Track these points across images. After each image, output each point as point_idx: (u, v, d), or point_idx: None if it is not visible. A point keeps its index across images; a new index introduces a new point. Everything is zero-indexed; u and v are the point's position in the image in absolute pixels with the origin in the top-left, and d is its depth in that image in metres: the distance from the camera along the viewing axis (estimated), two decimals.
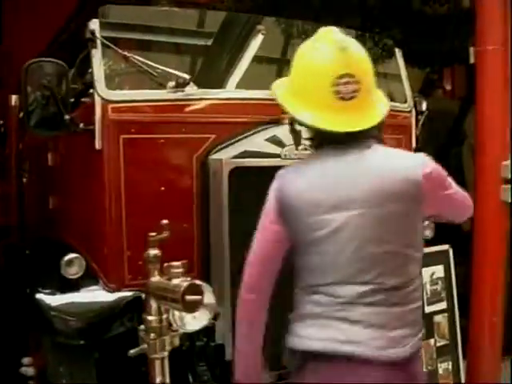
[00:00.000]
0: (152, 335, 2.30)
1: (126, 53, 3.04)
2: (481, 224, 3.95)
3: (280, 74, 3.56)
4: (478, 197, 3.93)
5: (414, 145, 3.91)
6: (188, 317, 2.52)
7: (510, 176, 3.86)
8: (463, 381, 3.81)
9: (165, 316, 2.33)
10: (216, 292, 2.94)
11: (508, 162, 3.88)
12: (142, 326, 2.36)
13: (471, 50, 4.02)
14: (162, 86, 3.10)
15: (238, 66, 3.41)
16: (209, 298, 2.84)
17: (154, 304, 2.31)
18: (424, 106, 4.07)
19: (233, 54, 3.57)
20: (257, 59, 3.53)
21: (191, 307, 2.17)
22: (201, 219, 3.14)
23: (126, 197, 2.99)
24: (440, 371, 3.67)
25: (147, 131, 3.03)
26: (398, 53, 4.00)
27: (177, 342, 2.41)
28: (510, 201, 3.88)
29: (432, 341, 3.65)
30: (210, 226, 3.12)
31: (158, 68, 3.08)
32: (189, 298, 2.14)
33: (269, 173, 3.08)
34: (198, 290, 2.19)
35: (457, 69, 10.57)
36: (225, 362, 3.06)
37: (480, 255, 3.95)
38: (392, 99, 3.88)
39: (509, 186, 3.86)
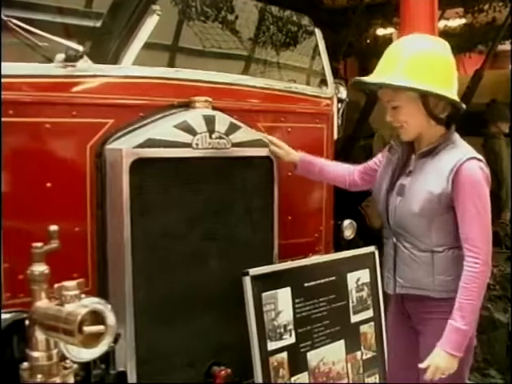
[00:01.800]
0: (39, 376, 1.76)
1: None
2: None
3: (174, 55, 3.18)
4: None
5: (335, 135, 3.51)
6: None
7: None
8: None
9: (55, 351, 1.78)
10: (115, 310, 2.37)
11: None
12: (26, 364, 1.81)
13: None
14: (48, 59, 2.52)
15: (133, 44, 2.88)
16: (109, 319, 2.35)
17: (40, 336, 1.77)
18: (344, 94, 3.67)
19: (127, 33, 3.02)
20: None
21: (90, 341, 1.65)
22: (96, 222, 2.60)
23: (1, 195, 2.40)
24: None
25: (28, 114, 2.44)
26: (318, 33, 3.58)
27: (71, 380, 1.88)
28: None
29: (358, 354, 3.26)
30: (108, 231, 2.61)
31: (43, 36, 2.49)
32: (87, 329, 1.62)
33: (178, 165, 2.68)
34: (98, 318, 1.66)
35: (353, 62, 10.66)
36: None
37: None
38: (312, 84, 3.48)
39: None
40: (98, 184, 2.60)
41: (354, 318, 3.28)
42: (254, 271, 2.78)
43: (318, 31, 3.60)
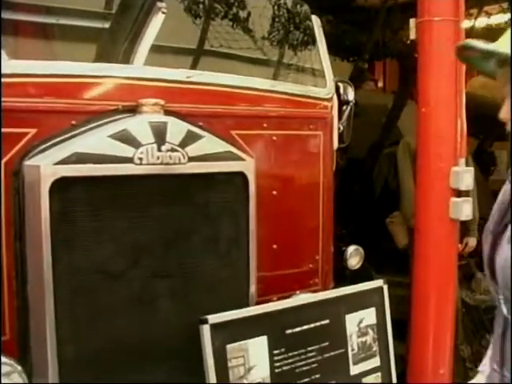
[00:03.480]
0: None
1: None
2: (424, 242, 3.13)
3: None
4: (420, 211, 3.09)
5: (335, 143, 2.92)
6: None
7: (461, 186, 2.97)
8: None
9: None
10: (35, 363, 2.08)
11: (460, 167, 2.95)
12: None
13: (412, 22, 3.15)
14: None
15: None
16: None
17: None
18: (351, 95, 3.09)
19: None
20: None
21: None
22: (15, 258, 2.10)
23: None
24: None
25: None
26: (316, 21, 2.99)
27: None
28: (461, 218, 2.99)
29: None
30: (28, 266, 2.10)
31: None
32: None
33: (114, 186, 2.12)
34: None
35: (389, 63, 10.07)
36: None
37: (422, 280, 3.17)
38: (305, 82, 2.89)
39: (460, 199, 2.96)
40: (16, 209, 2.09)
41: (355, 369, 2.68)
42: (214, 318, 2.21)
43: (315, 19, 3.01)
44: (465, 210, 3.08)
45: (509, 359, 1.72)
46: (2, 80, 2.04)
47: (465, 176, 3.08)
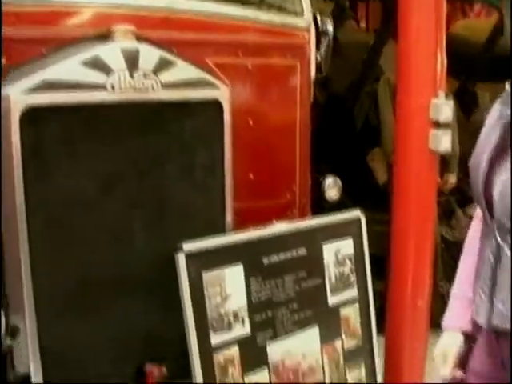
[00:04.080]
0: None
1: None
2: (404, 177, 3.08)
3: None
4: (399, 144, 3.07)
5: (312, 74, 2.88)
6: None
7: (441, 118, 2.93)
8: None
9: None
10: (11, 298, 2.04)
11: (439, 99, 2.99)
12: None
13: None
14: None
15: None
16: None
17: None
18: (329, 27, 3.04)
19: None
20: None
21: None
22: None
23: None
24: (349, 382, 2.73)
25: None
26: None
27: None
28: (440, 150, 2.97)
29: (338, 343, 2.68)
30: (2, 201, 2.04)
31: None
32: None
33: (86, 114, 2.08)
34: None
35: (372, 4, 9.97)
36: None
37: (402, 219, 3.13)
38: (282, 12, 2.83)
39: (439, 130, 2.95)
40: None
41: (333, 300, 2.68)
42: (190, 246, 2.19)
43: None
44: (444, 142, 3.06)
45: (502, 290, 1.73)
46: None
47: (444, 108, 3.05)
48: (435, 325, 3.44)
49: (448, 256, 4.70)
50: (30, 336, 2.04)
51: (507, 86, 1.87)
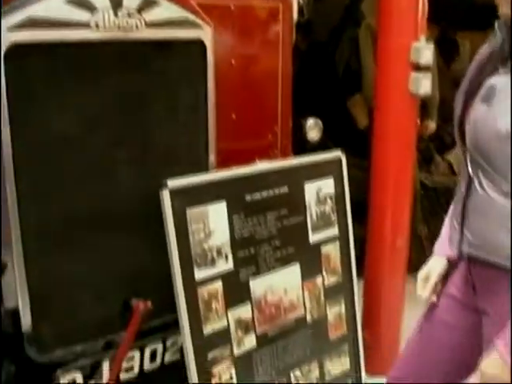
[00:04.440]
0: None
1: None
2: (383, 120, 3.13)
3: None
4: (379, 87, 3.11)
5: (295, 16, 2.90)
6: None
7: (421, 61, 2.99)
8: (360, 323, 3.02)
9: None
10: None
11: (420, 43, 2.98)
12: None
13: None
14: None
15: None
16: None
17: None
18: None
19: None
20: None
21: None
22: None
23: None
24: (330, 317, 2.82)
25: None
26: None
27: None
28: (420, 93, 3.03)
29: (319, 279, 2.75)
30: None
31: None
32: None
33: (71, 52, 2.08)
34: None
35: None
36: (20, 335, 2.13)
37: (382, 160, 3.20)
38: None
39: (420, 73, 2.96)
40: None
41: (314, 238, 2.75)
42: (174, 183, 2.24)
43: None
44: (424, 85, 3.11)
45: (471, 221, 1.79)
46: None
47: (425, 51, 3.09)
48: (414, 269, 3.55)
49: (427, 201, 4.78)
50: (17, 271, 2.08)
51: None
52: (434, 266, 2.05)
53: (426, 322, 2.09)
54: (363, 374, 3.00)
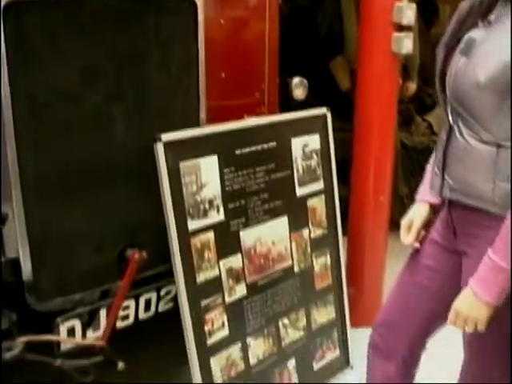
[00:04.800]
0: None
1: None
2: (367, 79, 3.22)
3: None
4: (362, 47, 3.20)
5: None
6: None
7: (403, 21, 3.07)
8: (344, 277, 3.12)
9: None
10: None
11: (403, 2, 3.12)
12: None
13: None
14: None
15: None
16: None
17: None
18: None
19: None
20: None
21: None
22: None
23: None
24: (316, 268, 2.93)
25: None
26: None
27: None
28: (402, 51, 3.11)
29: (305, 231, 2.86)
30: None
31: None
32: None
33: (68, 8, 2.14)
34: None
35: None
36: (21, 283, 2.22)
37: (364, 120, 3.30)
38: None
39: (402, 33, 3.06)
40: None
41: (300, 191, 2.84)
42: (168, 136, 2.32)
43: None
44: (406, 44, 3.19)
45: (451, 166, 1.90)
46: None
47: (407, 11, 3.17)
48: (396, 227, 3.65)
49: (407, 160, 4.89)
50: (17, 222, 2.15)
51: None
52: (417, 212, 2.15)
53: (409, 268, 2.20)
54: (348, 322, 3.12)
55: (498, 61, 1.70)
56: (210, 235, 2.48)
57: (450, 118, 1.88)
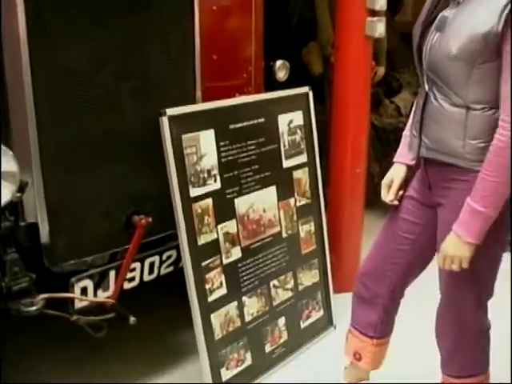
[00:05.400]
0: None
1: None
2: (343, 59, 3.49)
3: None
4: (338, 33, 3.52)
5: None
6: None
7: (376, 7, 3.33)
8: (327, 242, 3.38)
9: None
10: (19, 159, 2.29)
11: None
12: None
13: None
14: None
15: None
16: (10, 164, 2.26)
17: None
18: None
19: None
20: None
21: None
22: None
23: None
24: (302, 234, 3.19)
25: None
26: None
27: None
28: (375, 35, 3.38)
29: (292, 200, 3.12)
30: (5, 72, 2.32)
31: None
32: None
33: None
34: None
35: None
36: (40, 246, 2.44)
37: (341, 99, 3.55)
38: None
39: (375, 18, 3.34)
40: None
41: (287, 163, 3.09)
42: (171, 111, 2.55)
43: None
44: (378, 28, 3.45)
45: (428, 128, 2.17)
46: None
47: None
48: (368, 204, 3.90)
49: (377, 141, 5.16)
50: (36, 190, 2.37)
51: None
52: (396, 173, 2.43)
53: (389, 222, 2.47)
54: (331, 285, 3.39)
55: (466, 34, 1.97)
56: (209, 201, 2.71)
57: (426, 86, 2.16)
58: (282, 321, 3.10)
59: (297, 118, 3.13)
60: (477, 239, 2.05)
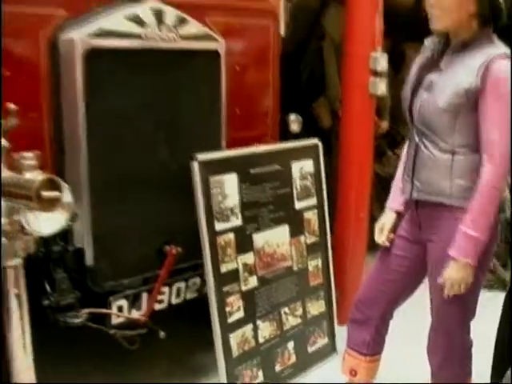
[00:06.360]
0: (3, 240, 1.95)
1: None
2: (348, 116, 3.87)
3: None
4: (344, 90, 3.87)
5: (282, 32, 3.65)
6: (43, 218, 2.15)
7: (378, 68, 3.75)
8: (333, 277, 3.75)
9: (16, 218, 1.96)
10: (72, 191, 2.61)
11: (377, 53, 3.76)
12: None
13: None
14: None
15: None
16: (66, 196, 2.54)
17: (3, 203, 1.93)
18: None
19: None
20: None
21: (48, 205, 1.85)
22: (52, 109, 2.74)
23: None
24: (310, 268, 3.57)
25: None
26: None
27: (31, 247, 2.07)
28: (378, 93, 3.79)
29: (302, 238, 3.50)
30: (64, 118, 2.75)
31: None
32: (45, 194, 1.81)
33: (128, 56, 2.80)
34: (54, 186, 1.85)
35: None
36: (84, 268, 2.84)
37: (346, 150, 3.91)
38: None
39: (377, 78, 3.75)
40: (53, 73, 2.71)
41: (298, 205, 3.49)
42: (201, 156, 2.96)
43: None
44: (380, 87, 3.85)
45: (419, 173, 2.54)
46: None
47: (381, 60, 3.81)
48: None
49: (380, 188, 5.53)
50: (84, 219, 2.76)
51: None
52: (387, 218, 2.80)
53: (381, 258, 2.84)
54: (335, 315, 3.75)
55: (451, 91, 2.37)
56: (231, 236, 3.11)
57: (416, 138, 2.56)
58: (291, 344, 3.46)
59: (307, 165, 3.54)
60: (473, 260, 2.39)
